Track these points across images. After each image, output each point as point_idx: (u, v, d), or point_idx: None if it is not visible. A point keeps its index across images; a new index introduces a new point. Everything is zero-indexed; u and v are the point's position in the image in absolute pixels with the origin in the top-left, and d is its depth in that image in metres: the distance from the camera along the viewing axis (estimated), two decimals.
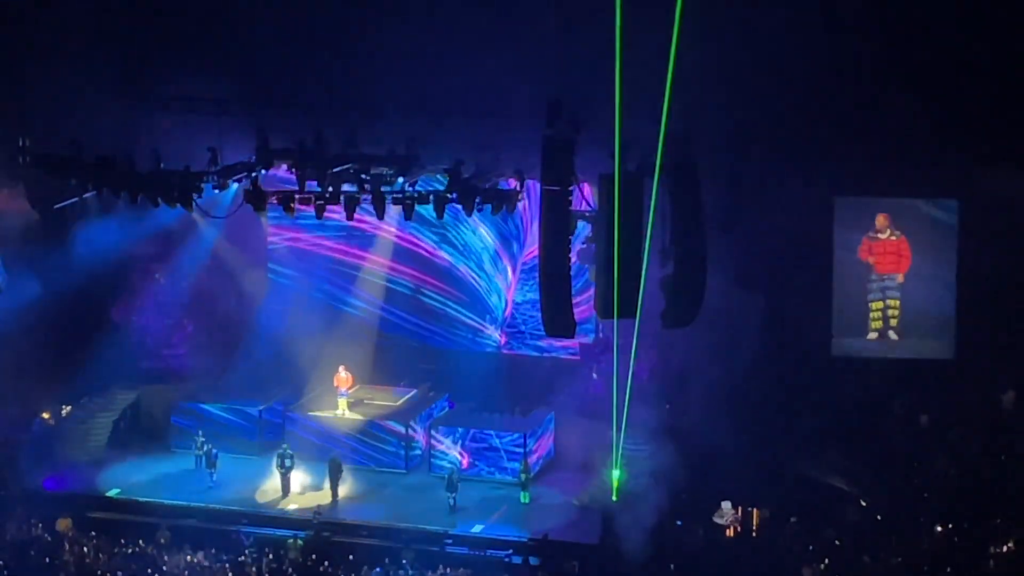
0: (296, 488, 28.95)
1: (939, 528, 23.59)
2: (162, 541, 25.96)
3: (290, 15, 21.14)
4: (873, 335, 28.55)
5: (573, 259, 23.38)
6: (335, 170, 25.34)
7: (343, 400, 31.33)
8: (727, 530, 26.32)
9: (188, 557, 24.88)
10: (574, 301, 23.42)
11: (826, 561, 23.26)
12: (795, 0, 23.15)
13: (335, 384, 31.44)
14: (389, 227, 31.85)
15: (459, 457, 29.73)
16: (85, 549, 25.18)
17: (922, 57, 24.07)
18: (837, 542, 24.07)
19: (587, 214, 25.94)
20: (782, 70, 23.99)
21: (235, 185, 26.58)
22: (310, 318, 32.83)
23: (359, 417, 31.02)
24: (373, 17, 20.10)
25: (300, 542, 25.87)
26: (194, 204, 26.63)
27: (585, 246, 25.79)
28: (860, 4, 23.98)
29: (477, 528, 27.05)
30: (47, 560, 24.52)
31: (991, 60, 24.26)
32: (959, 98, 24.64)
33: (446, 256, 32.64)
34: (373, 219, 28.26)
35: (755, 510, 26.46)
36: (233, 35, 22.31)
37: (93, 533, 26.21)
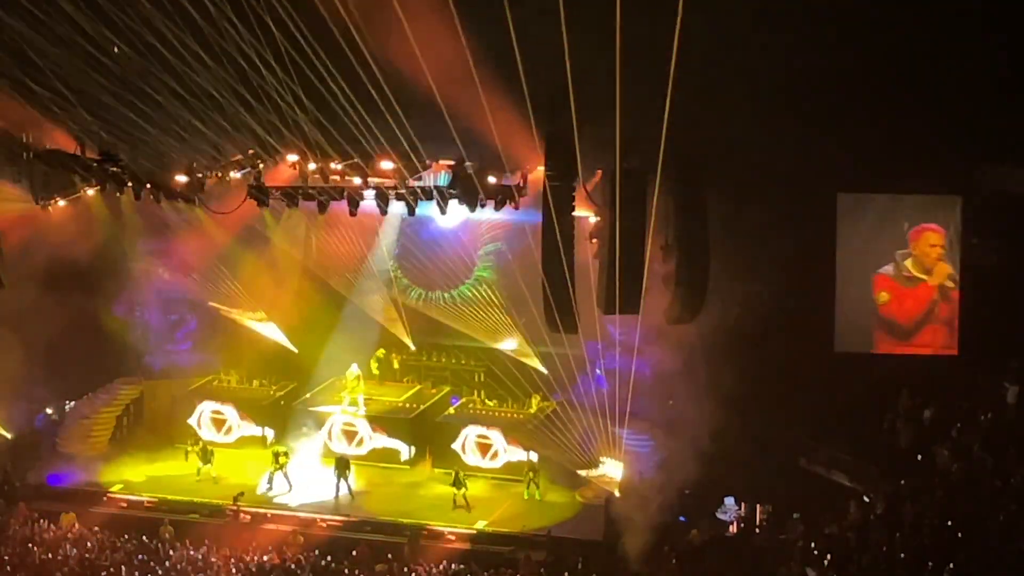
0: (300, 484, 29.02)
1: (942, 524, 23.55)
2: (165, 536, 26.01)
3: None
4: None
5: None
6: (339, 165, 25.42)
7: (354, 394, 31.39)
8: (730, 526, 26.33)
9: (191, 552, 24.93)
10: None
11: (828, 557, 23.23)
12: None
13: (348, 381, 31.55)
14: None
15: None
16: (88, 544, 25.22)
17: (925, 53, 24.02)
18: (840, 537, 24.08)
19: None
20: (784, 67, 23.97)
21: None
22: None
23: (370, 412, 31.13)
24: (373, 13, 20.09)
25: (301, 537, 25.90)
26: (198, 200, 26.78)
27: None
28: (863, 1, 23.94)
29: (480, 524, 27.06)
30: (50, 555, 24.55)
31: (994, 56, 24.22)
32: (962, 94, 24.60)
33: None
34: None
35: (758, 506, 26.45)
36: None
37: (96, 528, 26.27)
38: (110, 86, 22.84)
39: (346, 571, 24.42)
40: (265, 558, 24.80)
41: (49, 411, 32.26)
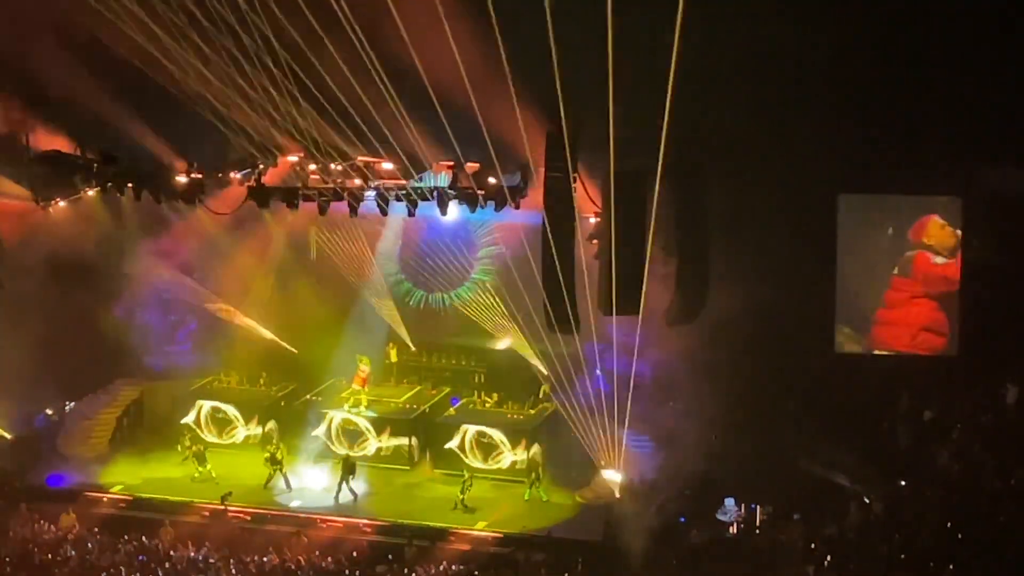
0: (301, 484, 29.02)
1: (942, 525, 23.58)
2: (166, 537, 25.99)
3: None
4: None
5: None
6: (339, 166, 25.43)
7: (358, 395, 31.36)
8: (730, 527, 26.31)
9: (191, 553, 24.93)
10: None
11: (829, 558, 23.25)
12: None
13: (357, 380, 31.53)
14: None
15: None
16: (88, 545, 25.21)
17: (926, 54, 24.03)
18: (840, 538, 24.10)
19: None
20: (785, 68, 23.98)
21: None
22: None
23: (371, 413, 31.15)
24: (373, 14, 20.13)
25: (306, 539, 25.89)
26: (198, 201, 26.81)
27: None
28: (863, 2, 23.95)
29: (480, 525, 27.05)
30: (50, 556, 24.55)
31: (995, 57, 24.22)
32: (963, 95, 24.60)
33: None
34: None
35: (758, 507, 26.44)
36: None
37: (96, 529, 26.26)
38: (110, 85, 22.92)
39: (346, 572, 24.41)
40: (265, 559, 24.79)
41: (49, 412, 32.23)
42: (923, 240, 27.99)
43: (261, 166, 26.67)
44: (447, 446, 29.87)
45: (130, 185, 27.09)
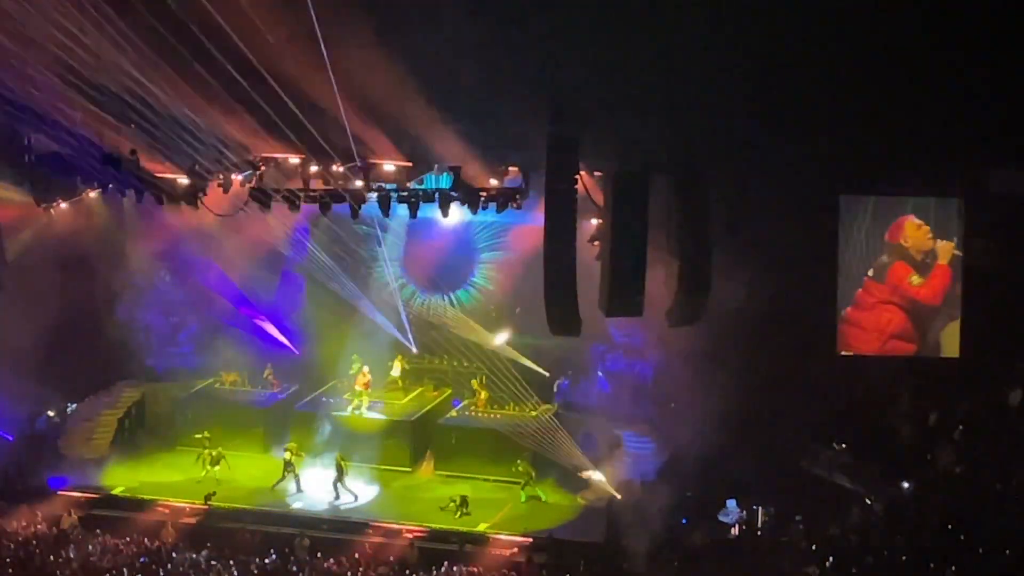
0: (304, 485, 29.01)
1: (944, 526, 23.58)
2: (168, 539, 25.99)
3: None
4: None
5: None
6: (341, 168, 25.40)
7: (360, 396, 31.33)
8: (732, 528, 26.32)
9: (193, 555, 24.93)
10: None
11: (830, 559, 23.24)
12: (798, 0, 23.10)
13: (359, 383, 31.49)
14: None
15: None
16: (90, 547, 25.21)
17: (927, 55, 23.99)
18: (842, 539, 24.10)
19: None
20: (787, 69, 23.94)
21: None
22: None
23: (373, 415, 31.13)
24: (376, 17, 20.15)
25: (307, 541, 25.87)
26: (200, 203, 26.77)
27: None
28: (863, 2, 23.91)
29: (482, 527, 27.03)
30: (52, 557, 24.54)
31: (996, 58, 24.19)
32: (964, 97, 24.57)
33: None
34: None
35: (760, 508, 26.45)
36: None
37: (98, 530, 26.27)
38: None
39: (348, 573, 24.40)
40: (267, 560, 24.79)
41: (51, 413, 32.24)
42: (900, 242, 27.83)
43: (263, 167, 26.65)
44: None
45: (132, 186, 27.04)
